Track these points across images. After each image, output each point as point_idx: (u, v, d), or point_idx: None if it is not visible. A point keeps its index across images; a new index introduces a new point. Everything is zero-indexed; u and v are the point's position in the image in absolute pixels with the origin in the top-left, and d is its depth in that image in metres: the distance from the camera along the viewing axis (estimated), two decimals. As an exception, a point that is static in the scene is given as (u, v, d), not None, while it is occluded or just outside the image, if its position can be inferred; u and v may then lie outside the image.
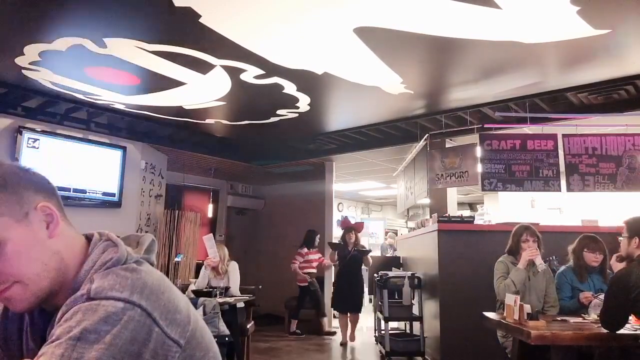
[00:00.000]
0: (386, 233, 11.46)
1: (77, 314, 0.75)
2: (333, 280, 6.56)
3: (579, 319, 2.96)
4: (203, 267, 4.89)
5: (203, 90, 4.65)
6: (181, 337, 0.82)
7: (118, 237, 0.93)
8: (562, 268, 3.53)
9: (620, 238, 2.73)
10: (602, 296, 2.92)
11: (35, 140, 4.99)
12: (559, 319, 3.01)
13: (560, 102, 4.83)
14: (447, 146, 5.66)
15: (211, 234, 5.01)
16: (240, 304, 4.72)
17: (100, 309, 0.75)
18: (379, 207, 12.66)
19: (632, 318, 2.56)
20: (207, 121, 5.79)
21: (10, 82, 4.62)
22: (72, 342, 0.72)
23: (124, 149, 5.82)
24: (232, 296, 4.64)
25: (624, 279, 2.38)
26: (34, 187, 0.87)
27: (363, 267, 6.44)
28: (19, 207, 0.83)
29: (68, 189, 5.16)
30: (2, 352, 0.93)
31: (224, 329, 4.04)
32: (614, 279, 2.52)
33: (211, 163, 7.47)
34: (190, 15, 3.13)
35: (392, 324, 5.75)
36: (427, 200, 6.15)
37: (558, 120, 4.89)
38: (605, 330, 2.48)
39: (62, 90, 4.76)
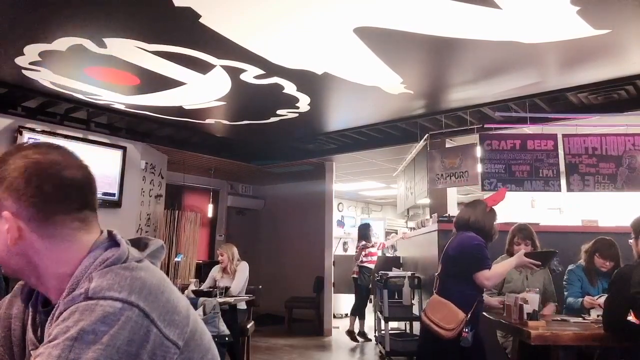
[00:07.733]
0: (388, 234, 11.46)
1: (75, 314, 0.75)
2: None
3: (579, 319, 2.95)
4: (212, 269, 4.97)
5: (203, 90, 4.64)
6: (179, 339, 0.81)
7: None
8: (572, 266, 3.46)
9: (630, 241, 2.71)
10: (602, 299, 2.90)
11: (35, 140, 4.99)
12: (559, 319, 3.01)
13: (560, 102, 4.83)
14: (447, 146, 5.66)
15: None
16: (242, 306, 4.72)
17: (98, 309, 0.75)
18: (379, 207, 12.65)
19: (631, 318, 2.56)
20: (207, 121, 5.78)
21: (10, 82, 4.62)
22: (69, 343, 0.71)
23: (124, 149, 5.82)
24: (232, 296, 4.64)
25: (625, 275, 2.37)
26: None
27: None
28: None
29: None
30: (4, 349, 0.94)
31: (224, 329, 4.04)
32: (615, 276, 2.51)
33: (211, 163, 7.47)
34: (190, 15, 3.13)
35: (392, 324, 5.75)
36: (427, 200, 6.14)
37: (558, 120, 4.88)
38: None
39: (62, 90, 4.75)
